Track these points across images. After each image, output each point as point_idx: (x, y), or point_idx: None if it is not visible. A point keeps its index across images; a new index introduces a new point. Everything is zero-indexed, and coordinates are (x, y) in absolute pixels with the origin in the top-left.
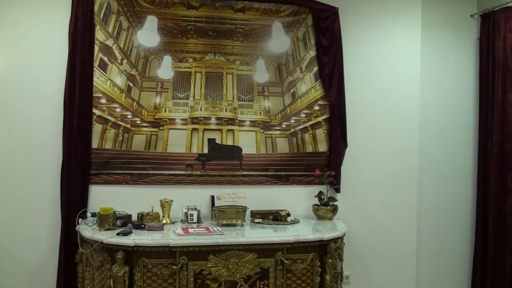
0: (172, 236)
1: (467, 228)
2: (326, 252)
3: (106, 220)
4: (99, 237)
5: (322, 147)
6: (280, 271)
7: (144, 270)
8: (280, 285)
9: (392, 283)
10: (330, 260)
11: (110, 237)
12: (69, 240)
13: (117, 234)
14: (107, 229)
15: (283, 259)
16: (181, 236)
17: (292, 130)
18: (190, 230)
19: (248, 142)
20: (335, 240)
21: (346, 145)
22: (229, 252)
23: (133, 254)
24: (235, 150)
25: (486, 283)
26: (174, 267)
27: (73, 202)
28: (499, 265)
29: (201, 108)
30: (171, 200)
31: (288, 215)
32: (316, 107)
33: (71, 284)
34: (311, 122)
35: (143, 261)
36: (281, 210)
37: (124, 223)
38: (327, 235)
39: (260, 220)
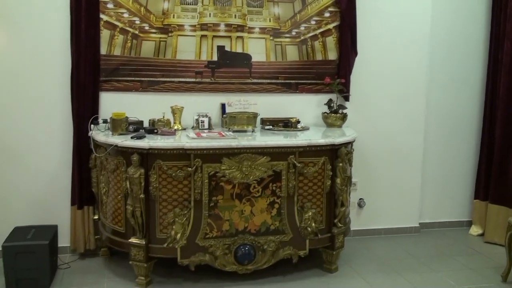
0: (185, 140)
1: (473, 137)
2: (337, 156)
3: (119, 125)
4: (113, 140)
5: (332, 55)
6: (292, 174)
7: (159, 172)
8: (292, 187)
9: (398, 190)
10: (341, 164)
11: (125, 140)
12: (82, 146)
13: (131, 137)
14: (120, 134)
15: (295, 162)
16: (195, 139)
17: (302, 38)
18: (203, 134)
19: (257, 50)
20: (346, 144)
21: (356, 53)
22: (242, 155)
23: (148, 157)
24: (245, 58)
25: (489, 189)
26: (189, 169)
27: (84, 109)
28: (504, 170)
29: (210, 14)
30: (182, 107)
31: (298, 122)
32: (327, 14)
33: (85, 188)
34: (321, 30)
35: (158, 163)
36: (291, 118)
37: (136, 128)
38: (338, 139)
39: (271, 126)
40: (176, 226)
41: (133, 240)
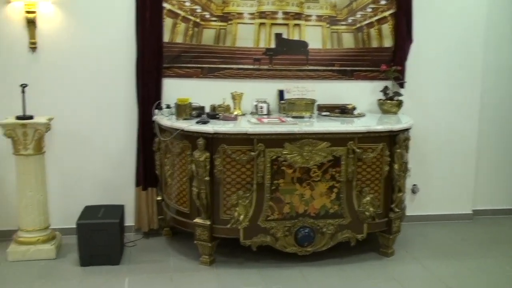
0: (248, 125)
1: None
2: (395, 142)
3: (184, 110)
4: (179, 125)
5: (387, 42)
6: (352, 159)
7: (223, 156)
8: (351, 172)
9: (452, 177)
10: (398, 150)
11: (191, 125)
12: (146, 130)
13: (196, 122)
14: (185, 119)
15: (354, 148)
16: (257, 125)
17: (358, 25)
18: (264, 120)
19: (314, 37)
20: (403, 131)
21: (411, 41)
22: (303, 140)
23: (212, 141)
24: (302, 45)
25: None
26: (252, 153)
27: (148, 95)
28: None
29: (268, 2)
30: (242, 93)
31: (354, 108)
32: (383, 2)
33: (149, 170)
34: (377, 17)
35: (223, 147)
36: (347, 104)
37: (199, 113)
38: (396, 126)
39: (328, 113)
40: (239, 208)
41: (198, 220)
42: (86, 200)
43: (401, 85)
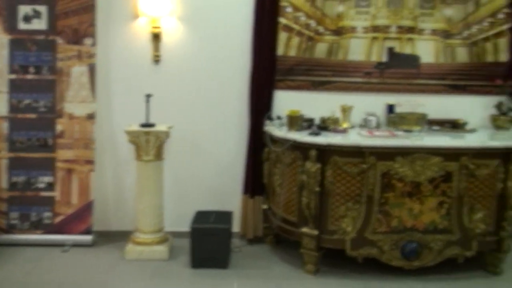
0: (358, 137)
1: None
2: (510, 159)
3: (296, 121)
4: (292, 136)
5: (503, 57)
6: (464, 175)
7: (334, 168)
8: (463, 189)
9: None
10: None
11: (304, 137)
12: (256, 140)
13: (309, 134)
14: (296, 130)
15: (468, 163)
16: (369, 138)
17: (473, 39)
18: (376, 133)
19: (426, 51)
20: None
21: None
22: (415, 155)
23: (324, 153)
24: (413, 59)
25: None
26: (364, 166)
27: (260, 106)
28: None
29: (382, 16)
30: (352, 106)
31: (465, 123)
32: (501, 15)
33: (257, 179)
34: (493, 31)
35: (334, 159)
36: (458, 119)
37: (309, 125)
38: None
39: (438, 127)
40: (347, 219)
41: (305, 229)
42: (196, 205)
43: None
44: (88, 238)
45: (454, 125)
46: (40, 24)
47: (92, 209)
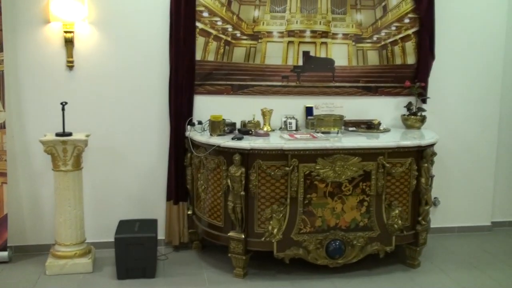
0: (281, 141)
1: None
2: (422, 156)
3: (218, 126)
4: (215, 141)
5: (411, 59)
6: (381, 174)
7: (258, 171)
8: (380, 187)
9: (471, 189)
10: (425, 165)
11: (227, 141)
12: (178, 145)
13: (232, 138)
14: (219, 135)
15: (384, 162)
16: (292, 141)
17: (383, 43)
18: (297, 136)
19: (340, 55)
20: (430, 146)
21: (433, 58)
22: (335, 156)
23: (248, 157)
24: (328, 62)
25: None
26: (287, 168)
27: (180, 111)
28: None
29: (296, 21)
30: (272, 109)
31: (380, 124)
32: (406, 20)
33: (180, 185)
34: (401, 35)
35: (258, 163)
36: (373, 120)
37: (231, 130)
38: (424, 141)
39: (354, 128)
40: (273, 221)
41: (232, 234)
42: (118, 215)
43: (424, 101)
44: (4, 254)
45: (369, 126)
46: None
47: (7, 224)
